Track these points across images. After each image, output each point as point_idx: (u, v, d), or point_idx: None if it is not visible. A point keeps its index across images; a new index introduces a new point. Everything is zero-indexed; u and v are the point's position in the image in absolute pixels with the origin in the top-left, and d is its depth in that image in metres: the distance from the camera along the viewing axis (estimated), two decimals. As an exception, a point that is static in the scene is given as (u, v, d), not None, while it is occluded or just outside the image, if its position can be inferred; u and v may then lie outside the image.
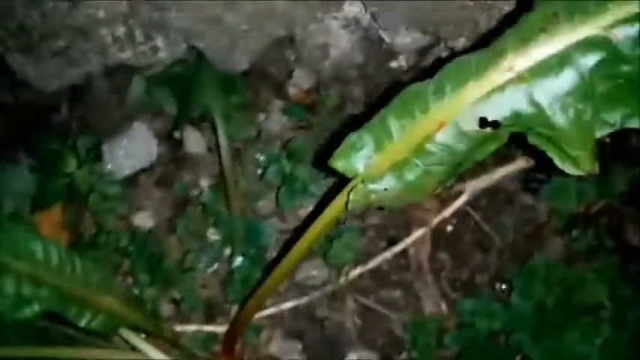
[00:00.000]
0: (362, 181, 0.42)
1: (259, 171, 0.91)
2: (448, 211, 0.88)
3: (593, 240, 0.83)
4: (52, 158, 0.85)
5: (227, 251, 0.88)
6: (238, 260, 0.85)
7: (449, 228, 0.89)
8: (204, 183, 0.94)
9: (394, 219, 0.90)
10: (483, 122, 0.38)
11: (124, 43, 0.80)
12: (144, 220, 0.92)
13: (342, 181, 0.47)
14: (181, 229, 0.88)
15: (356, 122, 0.97)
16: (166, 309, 0.85)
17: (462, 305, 0.79)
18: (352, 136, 0.44)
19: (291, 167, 0.86)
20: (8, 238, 0.45)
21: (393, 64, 0.92)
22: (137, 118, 0.95)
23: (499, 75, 0.37)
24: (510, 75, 0.37)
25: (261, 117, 0.94)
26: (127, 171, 0.93)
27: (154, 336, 0.74)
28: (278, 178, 0.87)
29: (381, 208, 0.88)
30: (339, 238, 0.83)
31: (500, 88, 0.37)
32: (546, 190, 0.84)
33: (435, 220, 0.88)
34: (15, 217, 0.83)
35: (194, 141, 0.96)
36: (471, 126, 0.38)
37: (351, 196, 0.42)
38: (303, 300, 0.85)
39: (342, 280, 0.86)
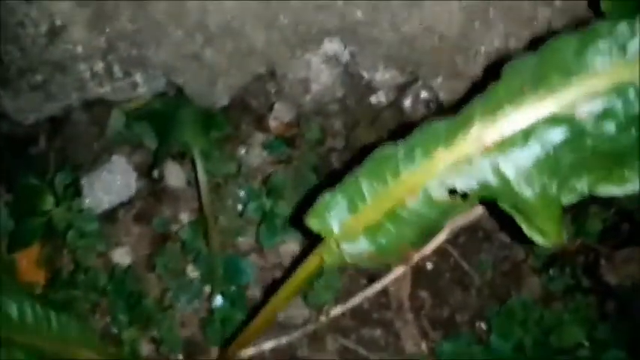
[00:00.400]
0: (336, 243, 0.42)
1: (239, 207, 0.90)
2: (428, 249, 0.88)
3: (570, 279, 0.84)
4: (29, 195, 0.83)
5: (207, 289, 0.87)
6: (218, 299, 0.84)
7: (429, 266, 0.90)
8: (184, 218, 0.93)
9: (375, 256, 0.90)
10: (452, 191, 0.38)
11: (102, 78, 0.80)
12: (122, 256, 0.90)
13: (316, 236, 0.46)
14: (160, 266, 0.87)
15: (335, 163, 0.96)
16: (145, 349, 0.84)
17: (441, 347, 0.79)
18: (326, 196, 0.44)
19: (271, 203, 0.86)
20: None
21: (373, 99, 0.93)
22: (116, 151, 0.94)
23: (467, 145, 0.37)
24: (477, 145, 0.37)
25: (242, 151, 0.94)
26: (105, 205, 0.92)
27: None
28: (258, 214, 0.87)
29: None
30: (318, 278, 0.83)
31: (468, 158, 0.37)
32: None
33: (415, 258, 0.88)
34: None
35: (174, 175, 0.95)
36: (441, 194, 0.38)
37: (325, 258, 0.42)
38: (284, 340, 0.84)
39: (323, 319, 0.85)
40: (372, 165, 0.42)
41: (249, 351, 0.84)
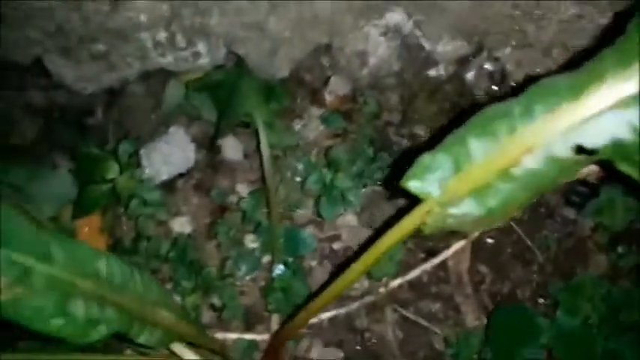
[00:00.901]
0: (439, 205, 0.41)
1: (298, 179, 0.89)
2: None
3: (638, 257, 0.81)
4: (92, 163, 0.83)
5: (266, 259, 0.87)
6: (279, 268, 0.83)
7: (489, 241, 0.88)
8: (242, 189, 0.93)
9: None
10: (579, 149, 0.36)
11: (165, 47, 0.79)
12: (182, 225, 0.90)
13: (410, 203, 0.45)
14: (221, 235, 0.87)
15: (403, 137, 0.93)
16: (207, 315, 0.84)
17: (498, 313, 0.77)
18: (426, 157, 0.42)
19: (331, 176, 0.85)
20: (72, 255, 0.43)
21: (432, 72, 0.90)
22: (173, 122, 0.94)
23: (597, 100, 0.35)
24: (610, 100, 0.35)
25: (298, 124, 0.93)
26: (164, 176, 0.91)
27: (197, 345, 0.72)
28: (317, 187, 0.86)
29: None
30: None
31: (599, 114, 0.35)
32: (591, 205, 0.82)
33: (476, 233, 0.86)
34: (55, 222, 0.82)
35: (231, 147, 0.94)
36: (565, 152, 0.36)
37: (428, 220, 0.41)
38: (343, 310, 0.84)
39: (382, 290, 0.84)
40: (480, 124, 0.40)
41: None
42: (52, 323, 0.40)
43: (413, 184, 0.42)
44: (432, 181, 0.41)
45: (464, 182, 0.40)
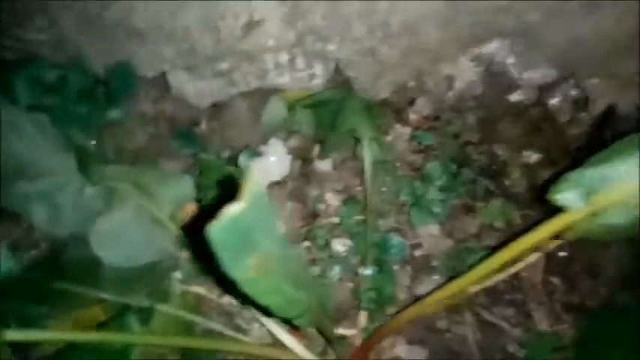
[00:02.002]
0: (584, 215, 0.47)
1: (384, 189, 0.96)
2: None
3: None
4: (210, 169, 0.91)
5: (355, 261, 0.93)
6: (369, 269, 0.90)
7: (562, 254, 0.94)
8: (330, 198, 1.00)
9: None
10: None
11: (284, 69, 0.86)
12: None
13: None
14: (313, 238, 0.94)
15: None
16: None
17: (590, 319, 0.81)
18: (572, 174, 0.49)
19: (423, 189, 0.91)
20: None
21: (514, 97, 0.97)
22: (273, 135, 1.02)
23: None
24: None
25: (387, 139, 1.00)
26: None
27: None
28: (408, 198, 0.93)
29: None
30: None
31: None
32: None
33: (552, 246, 0.92)
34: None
35: (323, 159, 1.02)
36: None
37: (573, 228, 0.47)
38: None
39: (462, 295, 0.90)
40: (626, 148, 0.47)
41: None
42: (270, 299, 0.46)
43: (560, 197, 0.49)
44: (577, 194, 0.48)
45: (609, 197, 0.47)
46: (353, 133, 0.89)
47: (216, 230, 0.39)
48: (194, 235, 0.77)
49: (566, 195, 0.48)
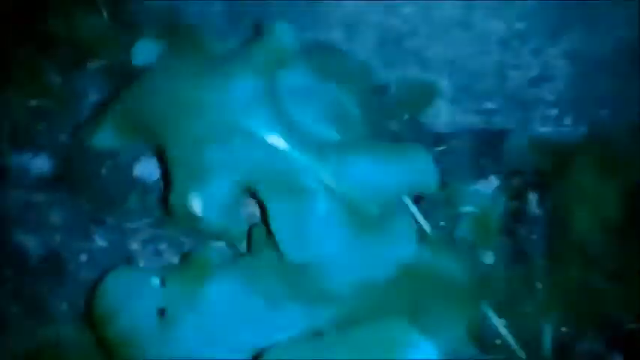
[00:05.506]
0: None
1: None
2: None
3: None
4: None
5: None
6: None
7: None
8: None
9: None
10: None
11: (548, 121, 0.90)
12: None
13: None
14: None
15: None
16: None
17: None
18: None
19: None
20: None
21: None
22: (492, 173, 1.04)
23: None
24: None
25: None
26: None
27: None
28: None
29: None
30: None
31: None
32: None
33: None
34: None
35: (532, 200, 1.06)
36: None
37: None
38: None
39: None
40: None
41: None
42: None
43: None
44: None
45: None
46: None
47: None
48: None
49: None
